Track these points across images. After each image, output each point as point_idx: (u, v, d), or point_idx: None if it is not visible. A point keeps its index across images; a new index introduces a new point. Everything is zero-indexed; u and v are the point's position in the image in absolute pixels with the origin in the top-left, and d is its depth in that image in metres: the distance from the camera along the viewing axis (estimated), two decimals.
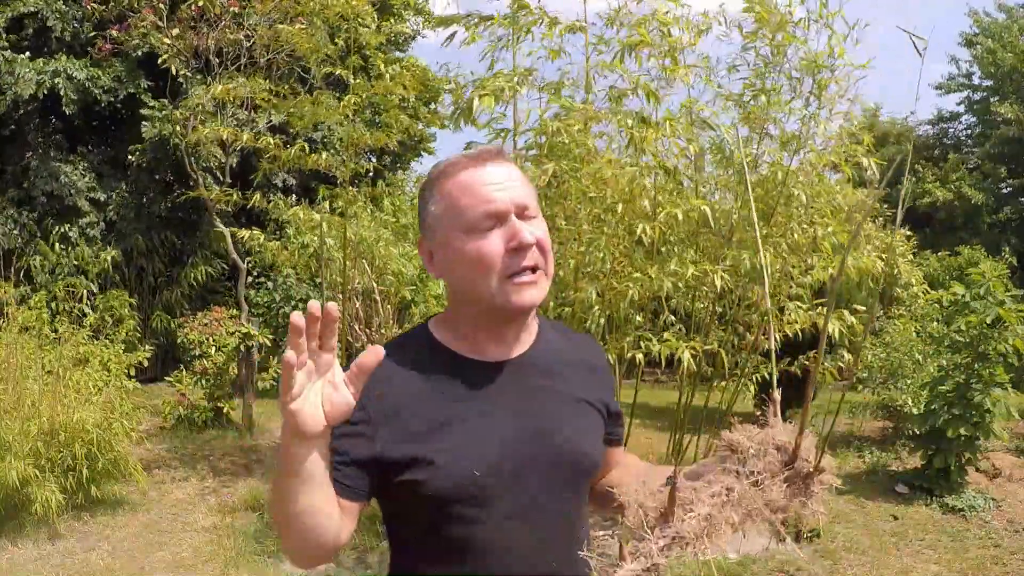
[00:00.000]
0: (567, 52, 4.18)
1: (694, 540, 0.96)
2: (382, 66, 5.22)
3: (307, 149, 5.24)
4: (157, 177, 8.90)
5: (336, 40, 5.49)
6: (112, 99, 8.63)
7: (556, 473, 1.19)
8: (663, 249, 4.44)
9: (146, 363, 6.12)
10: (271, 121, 7.45)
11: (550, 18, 4.07)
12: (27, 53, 8.50)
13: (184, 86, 8.12)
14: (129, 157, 8.82)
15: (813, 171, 4.43)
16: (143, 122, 8.57)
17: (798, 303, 4.58)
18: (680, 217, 3.90)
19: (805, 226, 4.43)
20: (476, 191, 1.14)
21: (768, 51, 4.28)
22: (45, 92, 8.21)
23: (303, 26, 5.35)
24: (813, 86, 4.31)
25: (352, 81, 5.08)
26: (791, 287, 4.58)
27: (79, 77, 8.37)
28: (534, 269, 1.15)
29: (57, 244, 8.67)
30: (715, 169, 5.12)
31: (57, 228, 8.74)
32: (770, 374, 1.03)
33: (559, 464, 1.19)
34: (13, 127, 8.64)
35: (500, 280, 1.14)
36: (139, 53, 7.96)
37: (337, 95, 6.26)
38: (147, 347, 6.31)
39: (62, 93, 8.27)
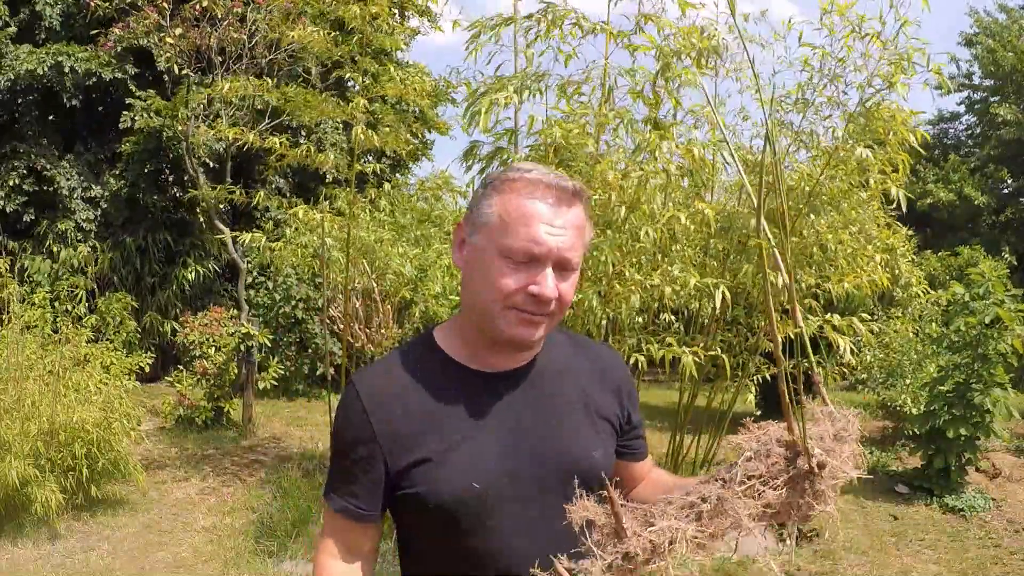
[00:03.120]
0: (579, 55, 4.16)
1: (647, 558, 0.90)
2: (392, 69, 5.22)
3: (312, 150, 5.24)
4: (149, 168, 8.84)
5: (350, 42, 5.47)
6: (97, 81, 8.55)
7: (558, 482, 1.18)
8: (673, 249, 4.42)
9: (146, 369, 6.12)
10: (278, 119, 7.44)
11: (580, 15, 4.03)
12: (24, 45, 8.50)
13: (181, 82, 8.09)
14: (121, 148, 8.79)
15: (840, 190, 4.36)
16: (126, 110, 8.46)
17: (807, 315, 4.57)
18: (684, 220, 3.89)
19: (828, 238, 4.38)
20: (531, 225, 1.12)
21: (820, 62, 4.16)
22: (43, 71, 8.15)
23: (314, 28, 5.34)
24: (859, 106, 4.21)
25: (362, 83, 5.08)
26: (802, 299, 4.57)
27: (75, 62, 8.31)
28: (542, 314, 1.16)
29: (55, 247, 8.65)
30: (736, 175, 5.08)
31: (53, 225, 8.73)
32: (773, 375, 1.02)
33: (560, 473, 1.19)
34: (8, 118, 8.63)
35: (504, 308, 1.14)
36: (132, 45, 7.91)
37: (335, 95, 6.25)
38: (147, 353, 6.29)
39: (55, 78, 8.21)
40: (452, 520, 1.16)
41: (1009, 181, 16.49)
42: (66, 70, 8.26)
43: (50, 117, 9.02)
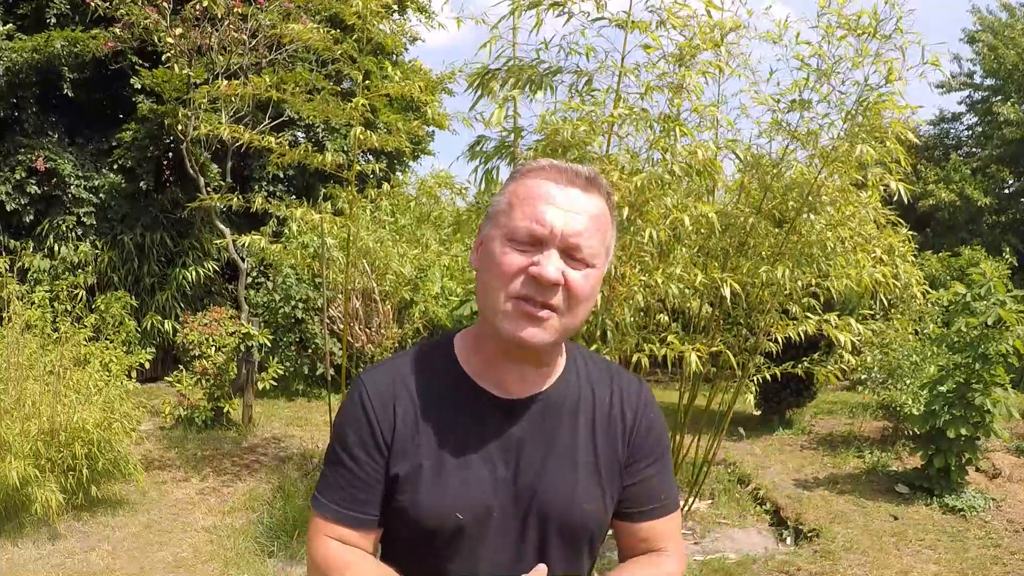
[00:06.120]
0: (595, 48, 4.17)
1: None
2: (389, 68, 5.24)
3: (309, 148, 5.24)
4: (151, 154, 8.80)
5: (349, 40, 5.47)
6: (98, 65, 8.49)
7: (545, 528, 1.15)
8: (676, 250, 4.42)
9: (147, 365, 6.12)
10: (279, 119, 7.43)
11: (599, 3, 4.03)
12: (19, 35, 8.47)
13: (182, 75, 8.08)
14: (121, 136, 8.75)
15: (840, 187, 4.35)
16: (136, 78, 8.44)
17: (808, 313, 4.57)
18: (687, 222, 3.89)
19: (827, 235, 4.37)
20: (535, 205, 1.07)
21: (817, 61, 4.15)
22: (38, 57, 8.10)
23: (315, 25, 5.34)
24: (856, 104, 4.20)
25: (362, 82, 5.09)
26: (801, 297, 4.57)
27: (75, 46, 8.25)
28: (545, 306, 1.07)
29: (56, 247, 8.64)
30: (738, 173, 5.08)
31: (54, 222, 8.71)
32: (773, 376, 1.01)
33: (548, 520, 1.15)
34: (8, 111, 8.61)
35: (507, 298, 1.08)
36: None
37: (337, 92, 6.25)
38: (148, 350, 6.29)
39: (60, 59, 8.17)
40: (429, 541, 1.14)
41: (1011, 181, 16.48)
42: (64, 51, 8.20)
43: (51, 118, 9.00)
